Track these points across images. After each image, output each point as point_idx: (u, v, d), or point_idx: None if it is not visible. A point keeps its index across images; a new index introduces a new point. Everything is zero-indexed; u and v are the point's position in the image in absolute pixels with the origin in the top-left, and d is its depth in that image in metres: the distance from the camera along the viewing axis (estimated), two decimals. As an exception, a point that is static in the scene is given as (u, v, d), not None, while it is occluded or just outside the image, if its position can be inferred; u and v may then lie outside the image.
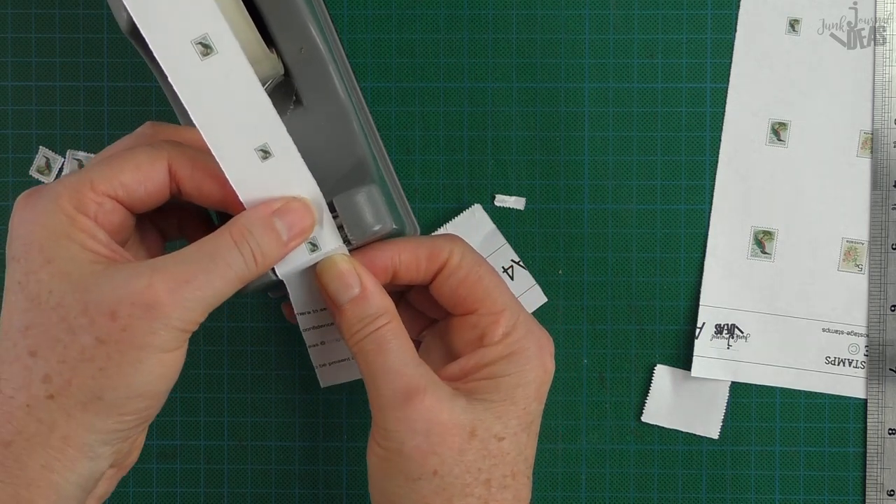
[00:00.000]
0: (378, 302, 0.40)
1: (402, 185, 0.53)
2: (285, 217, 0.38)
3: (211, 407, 0.55)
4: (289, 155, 0.38)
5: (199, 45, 0.36)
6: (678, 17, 0.54)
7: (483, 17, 0.54)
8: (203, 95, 0.36)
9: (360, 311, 0.39)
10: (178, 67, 0.36)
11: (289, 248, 0.38)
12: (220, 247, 0.36)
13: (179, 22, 0.36)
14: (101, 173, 0.37)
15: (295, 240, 0.38)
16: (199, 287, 0.35)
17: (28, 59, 0.54)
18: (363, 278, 0.40)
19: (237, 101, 0.37)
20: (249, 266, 0.37)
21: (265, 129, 0.37)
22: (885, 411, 0.54)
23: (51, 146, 0.55)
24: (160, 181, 0.38)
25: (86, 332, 0.35)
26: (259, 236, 0.37)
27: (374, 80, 0.54)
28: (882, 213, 0.54)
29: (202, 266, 0.36)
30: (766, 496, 0.54)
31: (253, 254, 0.37)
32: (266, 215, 0.38)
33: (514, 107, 0.54)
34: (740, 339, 0.54)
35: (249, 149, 0.37)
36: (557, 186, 0.54)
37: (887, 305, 0.54)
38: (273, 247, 0.38)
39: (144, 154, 0.38)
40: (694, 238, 0.54)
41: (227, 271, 0.36)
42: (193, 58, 0.36)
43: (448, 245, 0.41)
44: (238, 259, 0.36)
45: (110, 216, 0.37)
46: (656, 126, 0.54)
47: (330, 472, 0.55)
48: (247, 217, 0.37)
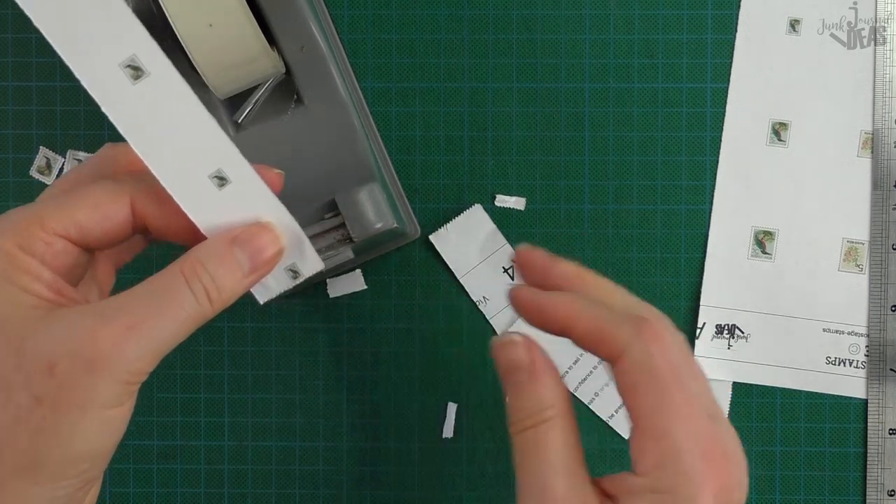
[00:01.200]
0: (546, 392, 0.35)
1: (402, 185, 0.54)
2: (247, 245, 0.34)
3: (211, 407, 0.55)
4: (247, 179, 0.34)
5: (127, 67, 0.33)
6: (678, 17, 0.54)
7: (483, 17, 0.54)
8: (141, 123, 0.33)
9: (524, 400, 0.35)
10: (108, 95, 0.33)
11: (252, 281, 0.34)
12: (169, 285, 0.32)
13: (103, 44, 0.32)
14: (54, 210, 0.33)
15: (259, 270, 0.34)
16: (145, 334, 0.31)
17: (28, 59, 0.54)
18: (536, 363, 0.35)
19: (179, 125, 0.33)
20: (203, 305, 0.33)
21: (216, 153, 0.34)
22: (885, 411, 0.54)
23: (51, 146, 0.55)
24: (120, 220, 0.34)
25: (21, 389, 0.31)
26: (214, 269, 0.33)
27: (375, 80, 0.54)
28: (882, 213, 0.54)
29: (150, 309, 0.32)
30: (766, 496, 0.54)
31: (206, 291, 0.33)
32: (223, 244, 0.33)
33: (515, 107, 0.54)
34: (741, 340, 0.54)
35: (203, 177, 0.34)
36: (558, 187, 0.54)
37: (888, 305, 0.54)
38: (231, 280, 0.33)
39: (104, 191, 0.34)
40: (694, 238, 0.54)
41: (178, 313, 0.32)
42: (124, 82, 0.33)
43: (627, 335, 0.34)
44: (189, 298, 0.32)
45: (61, 257, 0.33)
46: (656, 126, 0.54)
47: (330, 472, 0.55)
48: (201, 248, 0.33)
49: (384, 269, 0.54)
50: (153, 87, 0.33)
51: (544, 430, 0.34)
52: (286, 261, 0.36)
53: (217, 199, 0.34)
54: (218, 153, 0.34)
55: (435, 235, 0.54)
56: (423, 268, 0.54)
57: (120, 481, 0.54)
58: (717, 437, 0.34)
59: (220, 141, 0.34)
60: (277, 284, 0.36)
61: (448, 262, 0.54)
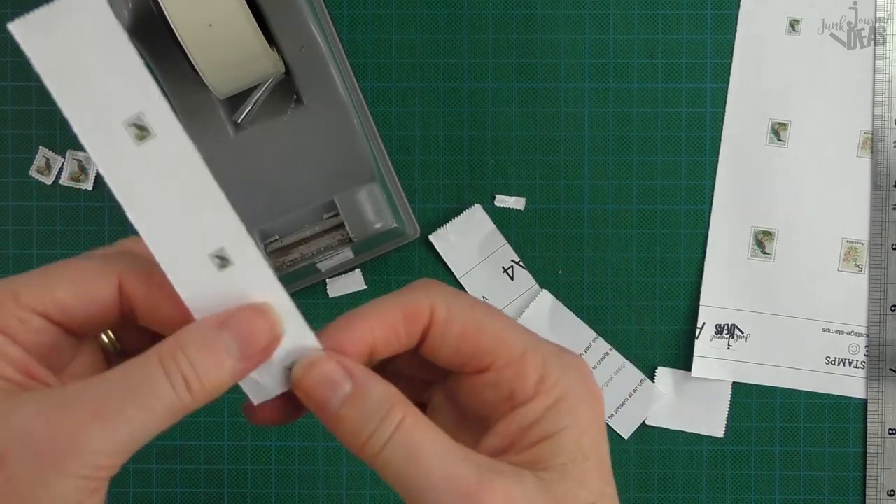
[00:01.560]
0: (380, 392, 0.30)
1: (402, 185, 0.54)
2: (237, 330, 0.29)
3: (211, 407, 0.55)
4: (252, 262, 0.30)
5: (132, 126, 0.29)
6: (678, 17, 0.54)
7: (483, 17, 0.54)
8: (140, 189, 0.30)
9: (360, 411, 0.30)
10: (108, 155, 0.29)
11: (242, 371, 0.30)
12: (142, 371, 0.28)
13: (108, 98, 0.29)
14: (30, 285, 0.30)
15: (251, 360, 0.30)
16: (111, 425, 0.27)
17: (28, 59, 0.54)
18: (351, 369, 0.31)
19: (183, 195, 0.30)
20: (182, 396, 0.29)
21: (221, 230, 0.30)
22: (885, 411, 0.54)
23: (51, 146, 0.54)
24: (106, 300, 0.31)
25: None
26: (195, 356, 0.29)
27: (375, 80, 0.54)
28: (882, 213, 0.54)
29: (120, 398, 0.28)
30: (766, 496, 0.54)
31: (186, 380, 0.28)
32: (209, 328, 0.29)
33: (514, 107, 0.54)
34: (740, 340, 0.54)
35: (203, 255, 0.30)
36: (557, 186, 0.54)
37: (887, 305, 0.54)
38: (216, 370, 0.29)
39: (89, 267, 0.31)
40: (694, 238, 0.54)
41: (153, 403, 0.28)
42: (126, 143, 0.29)
43: (426, 298, 0.32)
44: (165, 388, 0.28)
45: (36, 336, 0.30)
46: (656, 126, 0.54)
47: (330, 472, 0.55)
48: (184, 331, 0.29)
49: (384, 269, 0.54)
50: (158, 149, 0.30)
51: (406, 429, 0.30)
52: (288, 359, 0.31)
53: (215, 280, 0.30)
54: (223, 230, 0.30)
55: (435, 235, 0.54)
56: (422, 268, 0.54)
57: (119, 481, 0.54)
58: (560, 348, 0.33)
59: (227, 216, 0.30)
60: (275, 385, 0.31)
61: (447, 262, 0.54)
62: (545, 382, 0.32)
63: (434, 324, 0.32)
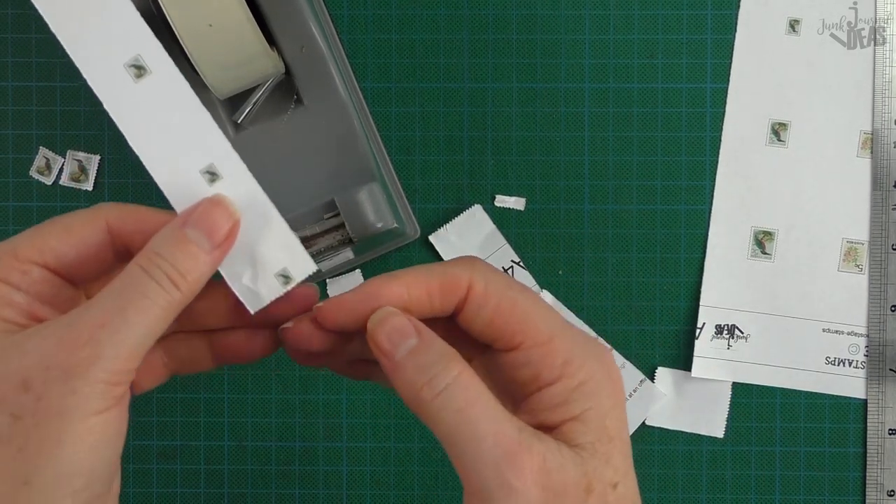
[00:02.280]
0: (442, 346, 0.33)
1: (402, 185, 0.54)
2: (199, 225, 0.33)
3: (211, 407, 0.55)
4: (239, 176, 0.35)
5: (131, 67, 0.34)
6: (678, 17, 0.54)
7: (483, 17, 0.54)
8: (140, 119, 0.34)
9: (423, 361, 0.32)
10: (111, 92, 0.34)
11: (217, 259, 0.33)
12: (130, 280, 0.32)
13: (109, 44, 0.34)
14: (27, 240, 0.33)
15: (221, 247, 0.33)
16: (118, 330, 0.31)
17: (28, 59, 0.54)
18: (419, 325, 0.33)
19: (177, 121, 0.34)
20: (171, 292, 0.32)
21: (209, 149, 0.34)
22: (885, 411, 0.54)
23: (51, 146, 0.54)
24: (96, 243, 0.34)
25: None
26: (170, 255, 0.32)
27: (375, 80, 0.54)
28: (882, 213, 0.54)
29: (115, 306, 0.31)
30: (766, 496, 0.54)
31: (169, 277, 0.32)
32: (175, 229, 0.33)
33: (514, 107, 0.54)
34: (740, 340, 0.54)
35: (194, 171, 0.34)
36: (557, 187, 0.54)
37: (887, 305, 0.54)
38: (192, 262, 0.32)
39: (75, 216, 0.34)
40: (694, 238, 0.54)
41: (145, 304, 0.31)
42: (126, 81, 0.34)
43: (466, 272, 0.34)
44: (153, 288, 0.32)
45: (39, 285, 0.33)
46: (656, 126, 0.54)
47: (330, 472, 0.55)
48: (155, 238, 0.33)
49: (384, 270, 0.54)
50: (155, 85, 0.34)
51: (463, 383, 0.32)
52: (275, 266, 0.35)
53: (207, 194, 0.34)
54: (211, 148, 0.34)
55: (435, 235, 0.54)
56: (422, 268, 0.54)
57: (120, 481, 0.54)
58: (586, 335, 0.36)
59: (215, 136, 0.34)
60: (268, 292, 0.35)
61: (448, 262, 0.54)
62: (569, 366, 0.34)
63: (471, 296, 0.34)
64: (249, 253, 0.35)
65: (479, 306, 0.34)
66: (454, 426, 0.32)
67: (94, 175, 0.54)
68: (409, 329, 0.33)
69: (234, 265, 0.35)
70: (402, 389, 0.33)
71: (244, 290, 0.35)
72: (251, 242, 0.35)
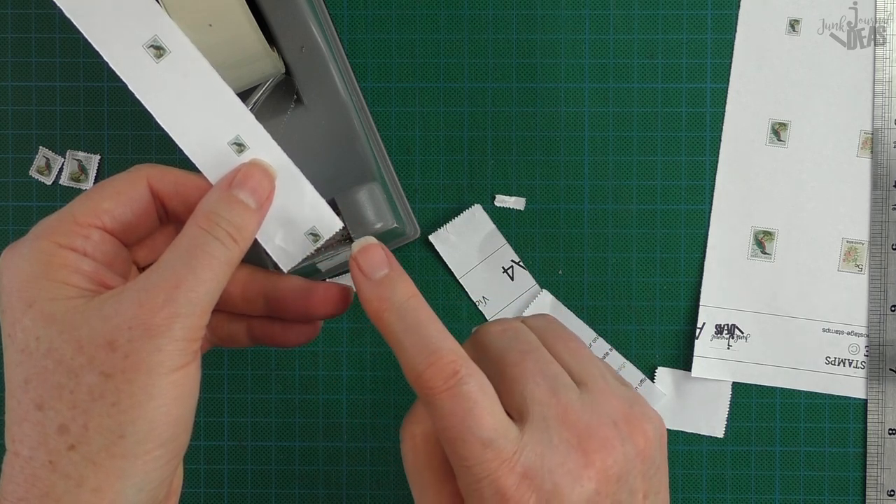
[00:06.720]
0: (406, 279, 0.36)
1: (402, 185, 0.54)
2: (244, 185, 0.36)
3: (211, 407, 0.55)
4: (263, 144, 0.37)
5: (151, 48, 0.36)
6: (678, 17, 0.54)
7: (483, 17, 0.54)
8: (165, 98, 0.36)
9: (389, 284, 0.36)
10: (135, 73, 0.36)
11: (261, 216, 0.37)
12: (195, 241, 0.34)
13: (127, 29, 0.36)
14: (83, 205, 0.35)
15: (264, 205, 0.37)
16: (192, 289, 0.33)
17: (28, 59, 0.54)
18: (391, 258, 0.37)
19: (200, 97, 0.37)
20: (231, 247, 0.35)
21: (234, 122, 0.37)
22: (885, 411, 0.54)
23: (51, 146, 0.54)
24: (144, 202, 0.36)
25: (87, 370, 0.32)
26: (227, 213, 0.35)
27: (375, 80, 0.54)
28: (882, 213, 0.54)
29: (188, 267, 0.34)
30: (766, 496, 0.54)
31: (229, 234, 0.35)
32: (224, 191, 0.36)
33: (514, 107, 0.54)
34: (740, 340, 0.54)
35: (223, 143, 0.37)
36: (557, 186, 0.54)
37: (887, 305, 0.54)
38: (246, 219, 0.36)
39: (121, 179, 0.36)
40: (694, 238, 0.54)
41: (212, 261, 0.34)
42: (148, 62, 0.36)
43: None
44: (217, 246, 0.34)
45: (101, 247, 0.35)
46: (656, 126, 0.54)
47: (330, 472, 0.55)
48: (206, 201, 0.36)
49: (384, 269, 0.54)
50: (175, 63, 0.36)
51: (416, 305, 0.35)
52: (304, 225, 0.38)
53: (237, 164, 0.37)
54: (236, 121, 0.37)
55: (434, 235, 0.54)
56: (422, 268, 0.54)
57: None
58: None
59: (238, 110, 0.37)
60: (300, 249, 0.38)
61: (447, 263, 0.54)
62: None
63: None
64: (280, 215, 0.37)
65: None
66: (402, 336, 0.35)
67: (94, 175, 0.54)
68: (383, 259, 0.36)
69: (266, 227, 0.37)
70: (366, 302, 0.36)
71: (277, 251, 0.38)
72: (281, 205, 0.37)
